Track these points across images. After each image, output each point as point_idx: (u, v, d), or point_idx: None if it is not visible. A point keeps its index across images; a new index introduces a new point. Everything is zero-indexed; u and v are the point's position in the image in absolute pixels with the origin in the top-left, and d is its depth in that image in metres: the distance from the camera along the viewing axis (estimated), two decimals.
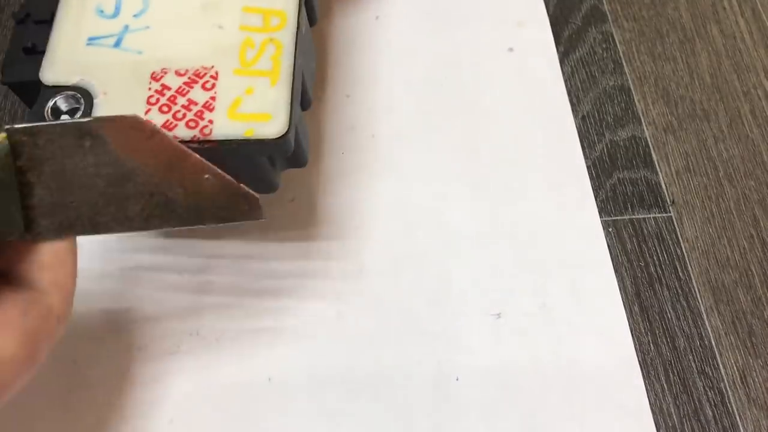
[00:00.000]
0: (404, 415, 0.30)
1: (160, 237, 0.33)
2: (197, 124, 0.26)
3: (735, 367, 0.31)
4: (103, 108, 0.26)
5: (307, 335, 0.31)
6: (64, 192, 0.21)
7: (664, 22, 0.41)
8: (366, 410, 0.30)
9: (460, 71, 0.38)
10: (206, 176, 0.22)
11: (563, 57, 0.39)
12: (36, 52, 0.28)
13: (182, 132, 0.26)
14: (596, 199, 0.35)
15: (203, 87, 0.27)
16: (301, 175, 0.34)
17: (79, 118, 0.26)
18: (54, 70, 0.27)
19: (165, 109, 0.26)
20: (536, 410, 0.30)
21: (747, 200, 0.35)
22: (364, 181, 0.35)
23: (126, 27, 0.28)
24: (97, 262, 0.32)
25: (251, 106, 0.26)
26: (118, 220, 0.22)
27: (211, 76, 0.27)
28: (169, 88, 0.27)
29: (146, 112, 0.26)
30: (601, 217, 0.34)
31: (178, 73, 0.27)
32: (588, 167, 0.36)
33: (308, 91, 0.30)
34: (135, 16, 0.28)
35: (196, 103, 0.26)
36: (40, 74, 0.27)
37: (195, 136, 0.26)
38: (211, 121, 0.26)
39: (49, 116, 0.26)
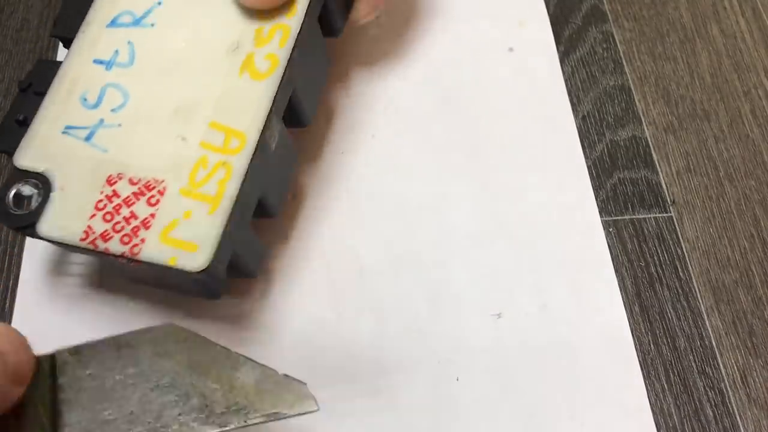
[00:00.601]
0: (404, 415, 0.30)
1: None
2: (130, 240, 0.25)
3: (735, 367, 0.31)
4: (56, 204, 0.26)
5: (307, 335, 0.31)
6: (100, 405, 0.21)
7: (664, 21, 0.41)
8: (366, 410, 0.30)
9: (461, 71, 0.38)
10: (243, 368, 0.22)
11: (563, 57, 0.39)
12: (26, 124, 0.28)
13: (115, 246, 0.25)
14: (596, 199, 0.35)
15: (148, 201, 0.26)
16: (301, 175, 0.34)
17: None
18: (27, 153, 0.27)
19: (108, 217, 0.26)
20: (536, 410, 0.30)
21: (747, 200, 0.35)
22: (364, 181, 0.35)
23: (101, 121, 0.27)
24: (96, 277, 0.32)
25: (183, 232, 0.25)
26: (153, 430, 0.21)
27: (159, 191, 0.26)
28: (118, 196, 0.26)
29: (91, 217, 0.26)
30: (601, 217, 0.34)
31: (131, 181, 0.26)
32: (588, 167, 0.35)
33: (275, 205, 0.30)
34: (112, 110, 0.27)
35: (136, 218, 0.26)
36: (14, 155, 0.27)
37: (124, 253, 0.25)
38: (143, 240, 0.25)
39: (11, 203, 0.26)
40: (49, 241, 0.26)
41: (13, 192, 0.27)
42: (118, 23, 0.29)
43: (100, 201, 0.26)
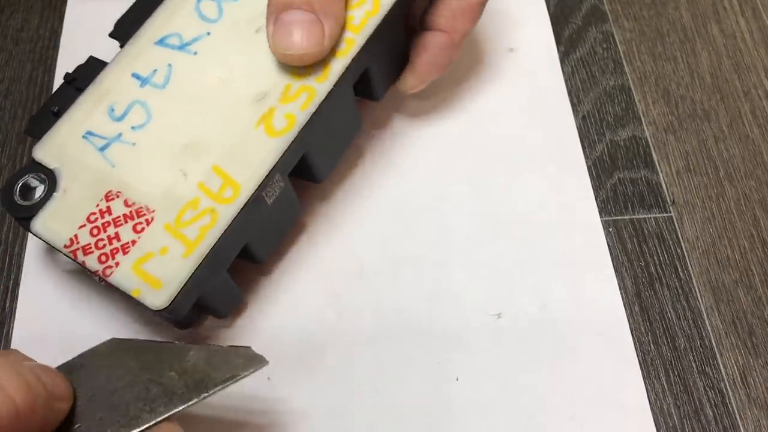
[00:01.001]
0: (404, 415, 0.30)
1: None
2: (107, 260, 0.25)
3: (735, 367, 0.31)
4: (55, 204, 0.26)
5: (307, 335, 0.31)
6: (69, 424, 0.22)
7: (664, 21, 0.41)
8: (366, 410, 0.30)
9: (460, 71, 0.38)
10: (191, 353, 0.23)
11: (563, 57, 0.39)
12: (58, 117, 0.28)
13: (91, 262, 0.26)
14: (596, 199, 0.35)
15: (134, 227, 0.26)
16: None
17: (30, 207, 0.27)
18: (46, 148, 0.27)
19: (95, 231, 0.26)
20: (536, 410, 0.30)
21: (747, 200, 0.35)
22: (363, 182, 0.35)
23: (119, 135, 0.27)
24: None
25: (154, 268, 0.25)
26: (125, 424, 0.22)
27: (147, 220, 0.26)
28: (110, 213, 0.26)
29: (80, 227, 0.26)
30: (601, 216, 0.34)
31: (126, 203, 0.26)
32: (588, 167, 0.35)
33: (261, 254, 0.30)
34: (133, 128, 0.28)
35: (119, 240, 0.26)
36: (34, 147, 0.27)
37: (98, 271, 0.25)
38: (117, 264, 0.25)
39: (17, 195, 0.27)
40: (39, 238, 0.27)
41: (22, 181, 0.27)
42: (165, 43, 0.29)
43: (93, 213, 0.26)
